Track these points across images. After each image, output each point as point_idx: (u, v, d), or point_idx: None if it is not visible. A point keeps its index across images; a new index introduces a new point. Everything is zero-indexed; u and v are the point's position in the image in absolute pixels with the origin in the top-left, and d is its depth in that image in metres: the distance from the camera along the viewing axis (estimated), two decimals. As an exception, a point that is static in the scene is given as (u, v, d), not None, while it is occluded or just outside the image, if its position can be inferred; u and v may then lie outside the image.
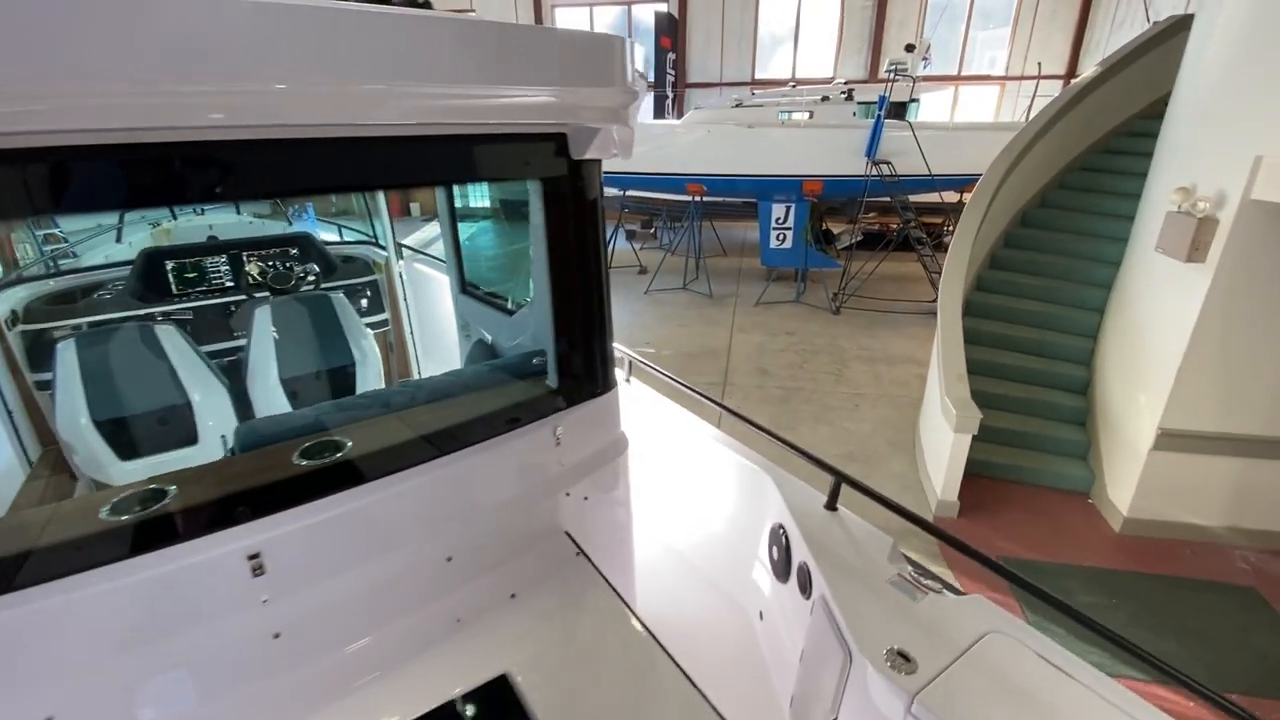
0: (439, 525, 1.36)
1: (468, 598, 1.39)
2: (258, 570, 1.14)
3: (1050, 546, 4.30)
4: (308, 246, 3.38)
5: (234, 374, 2.50)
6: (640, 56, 1.61)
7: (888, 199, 9.46)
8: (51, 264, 3.70)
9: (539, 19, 15.65)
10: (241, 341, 2.68)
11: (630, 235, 14.19)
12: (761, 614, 2.02)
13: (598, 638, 1.43)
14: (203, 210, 5.10)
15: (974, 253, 5.84)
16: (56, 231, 4.20)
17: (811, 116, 11.41)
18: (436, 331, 4.36)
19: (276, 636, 1.19)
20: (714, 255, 12.65)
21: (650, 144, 10.53)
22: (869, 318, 8.87)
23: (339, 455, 1.24)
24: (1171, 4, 9.28)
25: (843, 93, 11.53)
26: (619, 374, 2.90)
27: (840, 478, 1.79)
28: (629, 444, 1.80)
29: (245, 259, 3.17)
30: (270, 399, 2.42)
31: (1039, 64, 9.46)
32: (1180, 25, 6.22)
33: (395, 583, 1.32)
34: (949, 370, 4.67)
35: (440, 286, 4.25)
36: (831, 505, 1.81)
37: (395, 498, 1.27)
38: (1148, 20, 8.45)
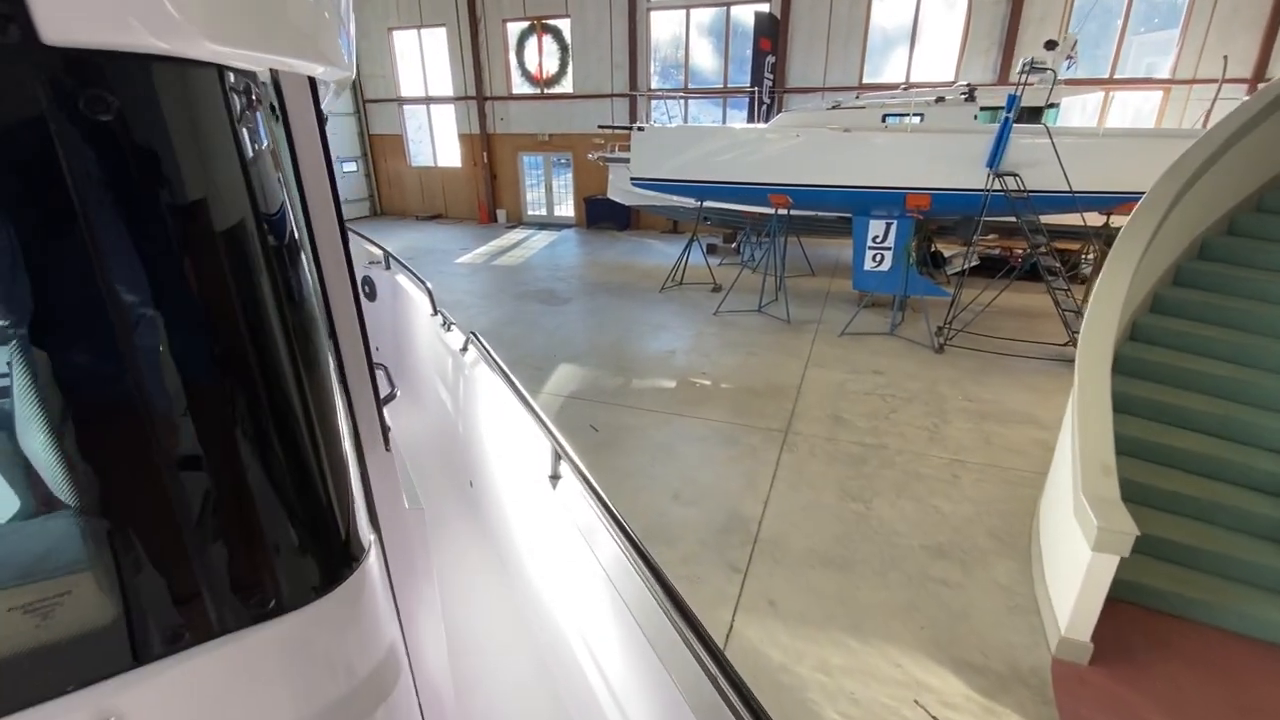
0: None
1: None
2: None
3: (1238, 734, 2.91)
4: None
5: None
6: None
7: (1012, 219, 7.92)
8: None
9: (633, 23, 15.03)
10: None
11: (711, 249, 13.22)
12: None
13: None
14: None
15: (1131, 290, 4.42)
16: None
17: (922, 120, 9.93)
18: (415, 364, 3.61)
19: None
20: (800, 275, 11.41)
21: (733, 150, 9.52)
22: (980, 360, 7.39)
23: None
24: None
25: (963, 94, 9.97)
26: (543, 471, 1.96)
27: None
28: (401, 671, 0.88)
29: None
30: (53, 463, 1.67)
31: (1225, 57, 7.59)
32: None
33: None
34: (1089, 457, 3.36)
35: (417, 308, 3.49)
36: None
37: None
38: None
